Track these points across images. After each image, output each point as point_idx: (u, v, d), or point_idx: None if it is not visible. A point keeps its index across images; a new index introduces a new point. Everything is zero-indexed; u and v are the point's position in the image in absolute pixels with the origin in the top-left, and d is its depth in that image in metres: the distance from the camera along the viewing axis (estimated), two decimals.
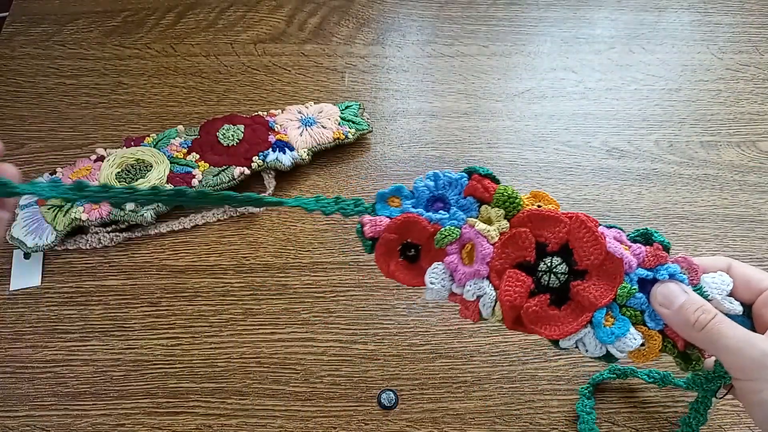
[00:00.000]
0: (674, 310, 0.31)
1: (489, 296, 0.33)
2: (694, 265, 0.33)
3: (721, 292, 0.32)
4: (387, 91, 0.62)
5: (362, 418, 0.44)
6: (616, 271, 0.32)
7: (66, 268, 0.50)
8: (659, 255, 0.33)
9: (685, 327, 0.30)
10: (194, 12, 0.68)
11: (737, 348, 0.29)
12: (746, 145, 0.59)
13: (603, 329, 0.32)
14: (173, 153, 0.54)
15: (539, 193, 0.35)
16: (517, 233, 0.33)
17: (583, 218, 0.33)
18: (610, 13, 0.69)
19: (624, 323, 0.32)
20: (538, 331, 0.33)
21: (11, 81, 0.62)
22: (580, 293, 0.32)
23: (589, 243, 0.32)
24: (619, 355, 0.32)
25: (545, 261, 0.33)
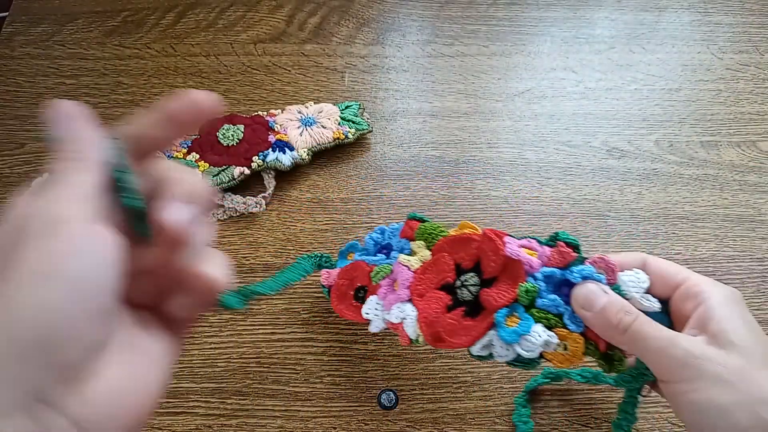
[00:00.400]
0: (595, 313, 0.30)
1: (411, 317, 0.35)
2: (611, 264, 0.32)
3: (639, 290, 0.32)
4: (387, 91, 0.62)
5: (362, 418, 0.44)
6: (517, 272, 0.33)
7: None
8: (563, 252, 0.33)
9: (607, 329, 0.30)
10: (194, 12, 0.68)
11: (660, 349, 0.28)
12: (746, 145, 0.59)
13: (505, 329, 0.32)
14: (173, 153, 0.54)
15: (465, 224, 0.37)
16: (437, 258, 0.36)
17: (489, 233, 0.34)
18: (610, 13, 0.69)
19: (527, 322, 0.32)
20: (454, 342, 0.34)
21: (11, 81, 0.62)
22: (484, 298, 0.33)
23: (491, 252, 0.34)
24: (527, 354, 0.32)
25: (460, 278, 0.35)
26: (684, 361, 0.27)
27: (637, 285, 0.32)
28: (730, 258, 0.52)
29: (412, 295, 0.36)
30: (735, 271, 0.51)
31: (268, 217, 0.53)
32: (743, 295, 0.50)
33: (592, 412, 0.44)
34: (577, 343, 0.32)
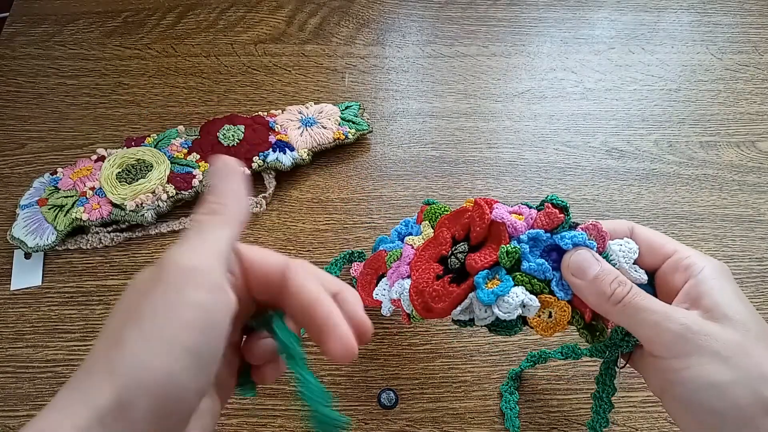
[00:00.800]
0: (588, 281, 0.29)
1: (406, 290, 0.35)
2: (602, 231, 0.31)
3: (629, 260, 0.31)
4: (387, 92, 0.62)
5: (362, 417, 0.44)
6: (500, 235, 0.32)
7: (67, 268, 0.50)
8: (550, 213, 0.32)
9: (599, 299, 0.28)
10: (195, 12, 0.68)
11: (656, 323, 0.26)
12: (746, 146, 0.59)
13: (483, 290, 0.31)
14: (174, 153, 0.54)
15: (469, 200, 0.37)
16: (436, 233, 0.37)
17: (479, 201, 0.34)
18: (609, 14, 0.69)
19: (506, 282, 0.31)
20: (438, 309, 0.33)
21: (12, 81, 0.62)
22: (467, 262, 0.33)
23: (477, 218, 0.34)
24: (504, 316, 0.31)
25: (453, 248, 0.35)
26: (681, 335, 0.26)
27: (627, 255, 0.31)
28: (730, 258, 0.52)
29: (411, 271, 0.36)
30: (734, 271, 0.51)
31: (269, 217, 0.53)
32: None
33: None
34: (563, 311, 0.30)
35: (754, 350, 0.26)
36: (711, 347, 0.25)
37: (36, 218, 0.50)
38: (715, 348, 0.25)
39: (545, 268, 0.31)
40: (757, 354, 0.25)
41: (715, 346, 0.25)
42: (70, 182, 0.52)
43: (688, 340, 0.26)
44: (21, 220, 0.50)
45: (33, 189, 0.53)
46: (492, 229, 0.33)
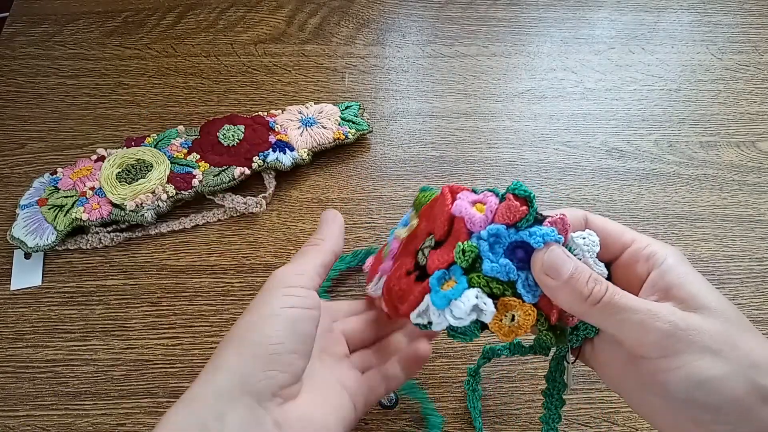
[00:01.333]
0: (563, 282, 0.26)
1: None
2: (567, 224, 0.28)
3: (593, 253, 0.28)
4: (387, 92, 0.62)
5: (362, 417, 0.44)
6: (458, 232, 0.29)
7: (66, 268, 0.50)
8: (512, 206, 0.28)
9: (574, 300, 0.26)
10: (194, 12, 0.68)
11: (640, 322, 0.25)
12: (746, 146, 0.59)
13: (435, 293, 0.28)
14: (174, 153, 0.54)
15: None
16: (414, 224, 0.35)
17: (445, 189, 0.31)
18: (609, 14, 0.69)
19: (460, 285, 0.28)
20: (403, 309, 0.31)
21: (11, 81, 0.62)
22: (428, 261, 0.30)
23: (440, 211, 0.31)
24: (455, 322, 0.28)
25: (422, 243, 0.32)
26: (670, 334, 0.25)
27: (591, 248, 0.28)
28: (730, 258, 0.52)
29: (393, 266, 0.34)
30: (734, 271, 0.51)
31: (269, 217, 0.53)
32: (742, 295, 0.50)
33: (592, 411, 0.44)
34: (528, 315, 0.28)
35: (740, 339, 0.25)
36: (700, 342, 0.25)
37: (36, 218, 0.50)
38: (705, 342, 0.25)
39: (509, 268, 0.28)
40: (743, 342, 0.25)
41: (704, 340, 0.25)
42: (70, 182, 0.52)
43: (678, 338, 0.25)
44: (21, 220, 0.50)
45: (33, 189, 0.53)
46: (454, 223, 0.30)
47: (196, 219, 0.53)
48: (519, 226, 0.28)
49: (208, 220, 0.53)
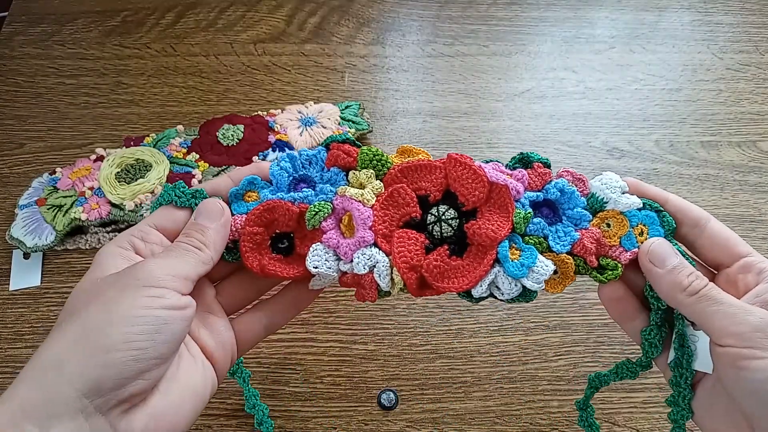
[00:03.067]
0: (666, 270, 0.29)
1: (382, 263, 0.30)
2: (578, 175, 0.32)
3: (615, 190, 0.31)
4: (387, 91, 0.62)
5: (362, 418, 0.44)
6: (505, 200, 0.30)
7: (66, 268, 0.50)
8: (542, 173, 0.32)
9: (673, 288, 0.29)
10: (194, 12, 0.68)
11: (734, 314, 0.27)
12: (747, 145, 0.59)
13: (512, 263, 0.30)
14: (173, 153, 0.54)
15: (406, 148, 0.33)
16: (395, 190, 0.31)
17: (457, 157, 0.31)
18: (610, 13, 0.69)
19: (531, 252, 0.30)
20: (446, 287, 0.30)
21: (11, 81, 0.62)
22: (477, 233, 0.30)
23: (470, 179, 0.31)
24: (536, 287, 0.30)
25: (431, 212, 0.31)
26: (760, 328, 0.26)
27: (611, 186, 0.31)
28: None
29: (377, 237, 0.30)
30: None
31: None
32: None
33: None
34: (566, 264, 0.30)
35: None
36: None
37: (35, 218, 0.50)
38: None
39: (543, 225, 0.31)
40: None
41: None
42: (69, 182, 0.52)
43: (766, 333, 0.26)
44: (20, 220, 0.50)
45: (32, 189, 0.52)
46: (492, 192, 0.31)
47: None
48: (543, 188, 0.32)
49: None
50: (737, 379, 0.27)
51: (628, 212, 0.32)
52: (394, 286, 0.30)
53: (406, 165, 0.31)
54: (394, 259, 0.30)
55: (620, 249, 0.31)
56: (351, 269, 0.30)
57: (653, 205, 0.32)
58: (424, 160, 0.32)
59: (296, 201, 0.31)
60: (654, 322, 0.31)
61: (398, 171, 0.31)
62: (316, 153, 0.33)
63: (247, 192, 0.32)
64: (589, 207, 0.32)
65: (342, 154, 0.32)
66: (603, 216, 0.32)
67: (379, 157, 0.32)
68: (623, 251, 0.31)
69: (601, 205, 0.32)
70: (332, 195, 0.32)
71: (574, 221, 0.32)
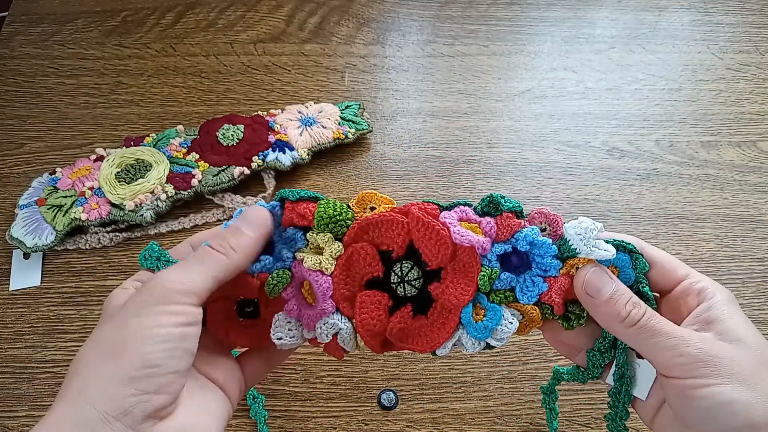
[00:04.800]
0: (602, 301, 0.29)
1: (345, 330, 0.30)
2: (552, 215, 0.30)
3: (588, 240, 0.29)
4: (387, 91, 0.62)
5: (362, 418, 0.44)
6: (471, 260, 0.30)
7: (65, 268, 0.50)
8: (511, 224, 0.30)
9: (612, 320, 0.29)
10: (194, 12, 0.68)
11: (673, 346, 0.27)
12: (747, 145, 0.59)
13: (475, 326, 0.29)
14: (173, 153, 0.54)
15: (367, 195, 0.32)
16: (354, 251, 0.30)
17: (418, 215, 0.29)
18: (610, 13, 0.69)
19: (495, 312, 0.30)
20: (409, 347, 0.30)
21: (11, 81, 0.62)
22: (441, 296, 0.30)
23: (433, 241, 0.30)
24: (499, 344, 0.30)
25: (395, 271, 0.30)
26: (699, 359, 0.26)
27: (585, 235, 0.29)
28: (731, 258, 0.52)
29: (339, 303, 0.30)
30: (735, 271, 0.51)
31: None
32: (743, 296, 0.50)
33: (592, 412, 0.44)
34: (533, 313, 0.30)
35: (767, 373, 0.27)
36: (728, 369, 0.26)
37: (35, 218, 0.50)
38: (733, 370, 0.26)
39: (511, 278, 0.30)
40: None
41: (733, 368, 0.26)
42: (69, 182, 0.52)
43: (706, 363, 0.26)
44: (20, 220, 0.50)
45: (32, 189, 0.52)
46: (458, 253, 0.30)
47: (195, 219, 0.53)
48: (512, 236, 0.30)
49: (207, 220, 0.53)
50: (687, 408, 0.27)
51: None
52: (358, 348, 0.31)
53: (367, 221, 0.30)
54: (357, 327, 0.30)
55: None
56: (315, 336, 0.30)
57: (627, 246, 0.30)
58: (387, 214, 0.30)
59: (254, 272, 0.30)
60: (597, 348, 0.32)
61: (359, 228, 0.30)
62: (271, 209, 0.31)
63: None
64: (560, 253, 0.30)
65: (296, 217, 0.30)
66: (573, 263, 0.30)
67: (336, 216, 0.30)
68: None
69: (572, 252, 0.30)
70: (290, 261, 0.30)
71: (543, 268, 0.30)
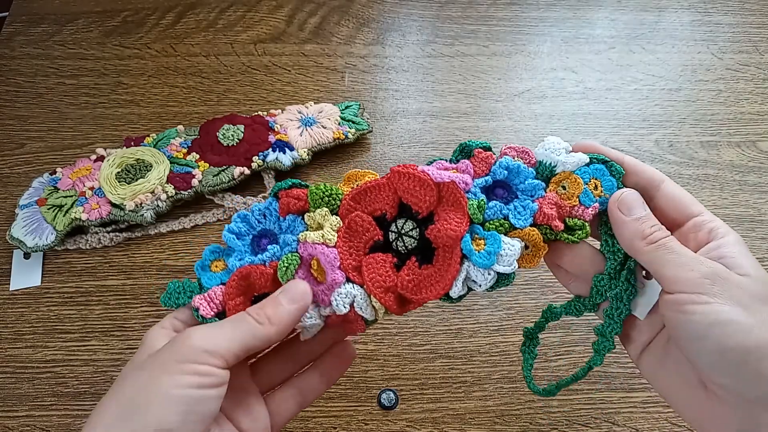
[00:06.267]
0: (631, 219, 0.30)
1: (360, 296, 0.31)
2: (521, 148, 0.33)
3: (559, 152, 0.32)
4: (387, 91, 0.62)
5: (362, 418, 0.44)
6: (456, 196, 0.31)
7: (66, 268, 0.50)
8: (484, 158, 0.33)
9: (634, 235, 0.30)
10: (194, 12, 0.68)
11: (686, 263, 0.28)
12: (746, 145, 0.59)
13: (478, 255, 0.30)
14: (173, 153, 0.54)
15: (352, 174, 0.34)
16: (351, 220, 0.31)
17: (399, 169, 0.31)
18: (610, 13, 0.69)
19: (494, 237, 0.30)
20: (424, 297, 0.31)
21: (11, 81, 0.62)
22: (438, 236, 0.30)
23: (417, 188, 0.31)
24: (509, 270, 0.30)
25: (391, 230, 0.32)
26: (708, 276, 0.27)
27: (554, 148, 0.32)
28: None
29: (348, 273, 0.31)
30: None
31: None
32: None
33: (592, 412, 0.44)
34: (533, 236, 0.31)
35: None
36: (733, 293, 0.27)
37: (35, 218, 0.50)
38: (737, 295, 0.27)
39: (500, 206, 0.31)
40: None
41: (737, 293, 0.27)
42: (70, 182, 0.52)
43: (715, 281, 0.27)
44: (20, 220, 0.50)
45: (32, 189, 0.52)
46: (441, 192, 0.31)
47: (195, 219, 0.53)
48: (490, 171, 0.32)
49: (207, 220, 0.53)
50: (684, 324, 0.28)
51: (578, 171, 0.32)
52: (378, 312, 0.31)
53: (356, 191, 0.32)
54: (368, 287, 0.30)
55: (581, 207, 0.32)
56: (333, 311, 0.31)
57: (598, 157, 0.32)
58: (371, 182, 0.32)
59: (265, 262, 0.32)
60: (608, 271, 0.32)
61: (350, 199, 0.32)
62: (268, 205, 0.33)
63: (213, 262, 0.33)
64: (540, 176, 0.33)
65: (292, 200, 0.32)
66: (556, 180, 0.32)
67: (328, 192, 0.32)
68: (585, 209, 0.32)
69: (551, 170, 0.32)
70: (296, 244, 0.32)
71: (529, 193, 0.32)
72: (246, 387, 0.31)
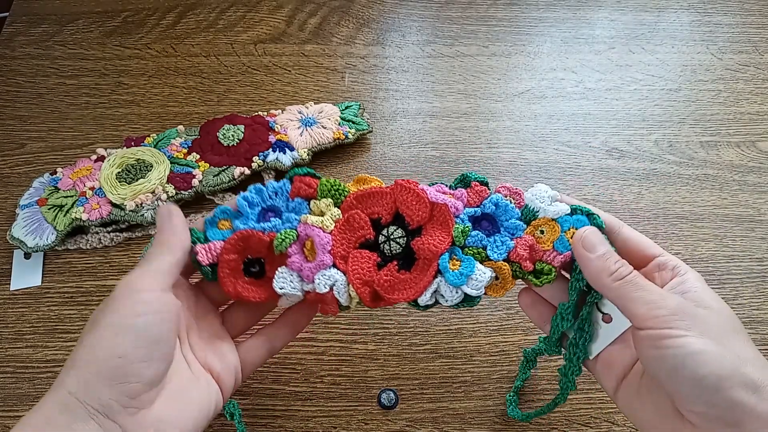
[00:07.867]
0: (596, 256, 0.32)
1: (340, 282, 0.34)
2: (514, 189, 0.36)
3: (544, 199, 0.35)
4: (387, 91, 0.62)
5: (362, 417, 0.44)
6: (446, 217, 0.34)
7: (66, 268, 0.50)
8: (479, 191, 0.36)
9: (600, 273, 0.32)
10: (194, 12, 0.68)
11: (655, 300, 0.30)
12: (746, 145, 0.59)
13: (451, 273, 0.33)
14: (173, 153, 0.54)
15: (362, 177, 0.37)
16: (350, 216, 0.35)
17: (402, 183, 0.35)
18: (609, 14, 0.69)
19: (469, 261, 0.34)
20: (395, 298, 0.34)
21: (11, 81, 0.62)
22: (421, 248, 0.34)
23: (413, 202, 0.35)
24: (476, 293, 0.33)
25: (382, 233, 0.35)
26: (676, 312, 0.29)
27: (540, 196, 0.35)
28: (730, 258, 0.52)
29: (335, 259, 0.34)
30: (734, 271, 0.51)
31: None
32: (742, 296, 0.50)
33: (592, 412, 0.44)
34: (503, 270, 0.34)
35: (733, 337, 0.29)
36: (701, 326, 0.29)
37: (36, 218, 0.50)
38: (704, 328, 0.29)
39: (481, 236, 0.34)
40: (735, 341, 0.29)
41: (704, 327, 0.29)
42: (70, 182, 0.52)
43: (684, 316, 0.29)
44: (21, 220, 0.50)
45: (33, 189, 0.53)
46: (434, 212, 0.35)
47: (196, 219, 0.53)
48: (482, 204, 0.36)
49: None
50: (659, 359, 0.29)
51: (559, 218, 0.34)
52: (352, 301, 0.34)
53: (360, 193, 0.36)
54: (350, 277, 0.34)
55: (554, 252, 0.34)
56: (313, 289, 0.34)
57: (584, 209, 0.34)
58: (376, 188, 0.36)
59: (266, 230, 0.35)
60: (571, 300, 0.35)
61: (353, 198, 0.36)
62: (282, 185, 0.36)
63: (221, 220, 0.36)
64: (524, 217, 0.35)
65: (304, 186, 0.36)
66: (536, 224, 0.35)
67: (336, 187, 0.36)
68: (557, 254, 0.34)
69: (534, 214, 0.35)
70: (297, 223, 0.35)
71: (510, 231, 0.35)
72: (217, 332, 0.35)
